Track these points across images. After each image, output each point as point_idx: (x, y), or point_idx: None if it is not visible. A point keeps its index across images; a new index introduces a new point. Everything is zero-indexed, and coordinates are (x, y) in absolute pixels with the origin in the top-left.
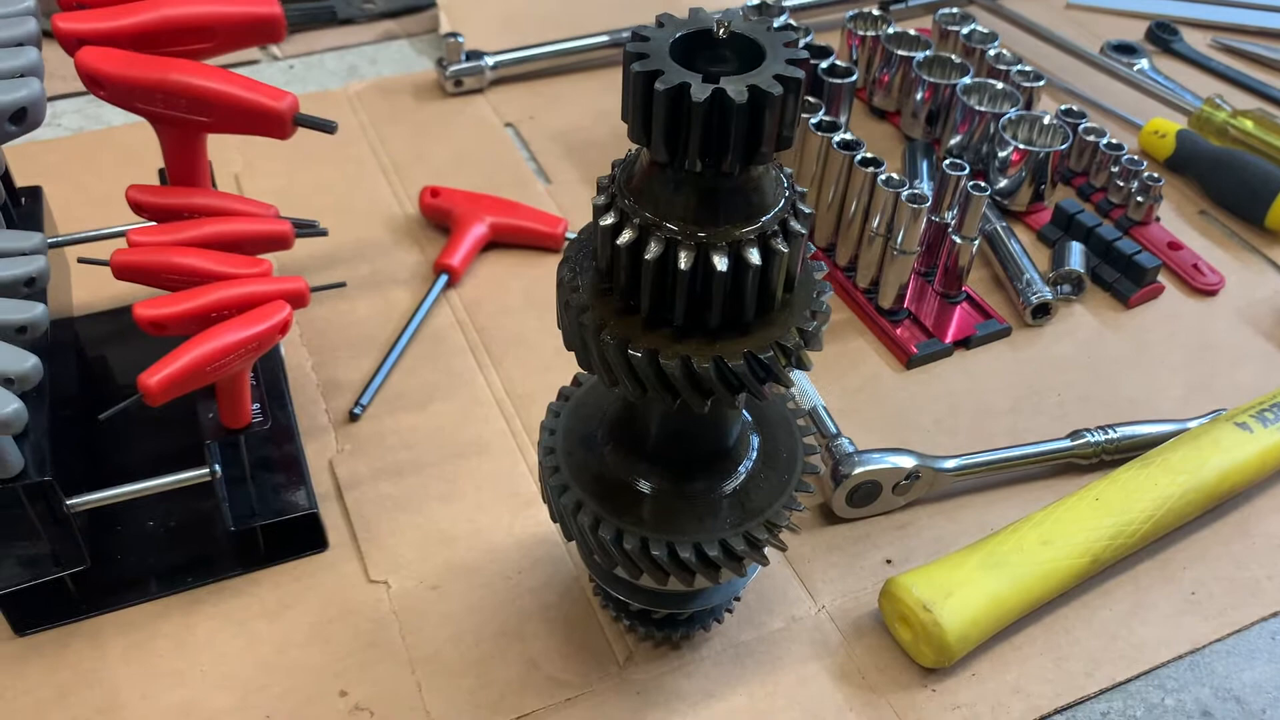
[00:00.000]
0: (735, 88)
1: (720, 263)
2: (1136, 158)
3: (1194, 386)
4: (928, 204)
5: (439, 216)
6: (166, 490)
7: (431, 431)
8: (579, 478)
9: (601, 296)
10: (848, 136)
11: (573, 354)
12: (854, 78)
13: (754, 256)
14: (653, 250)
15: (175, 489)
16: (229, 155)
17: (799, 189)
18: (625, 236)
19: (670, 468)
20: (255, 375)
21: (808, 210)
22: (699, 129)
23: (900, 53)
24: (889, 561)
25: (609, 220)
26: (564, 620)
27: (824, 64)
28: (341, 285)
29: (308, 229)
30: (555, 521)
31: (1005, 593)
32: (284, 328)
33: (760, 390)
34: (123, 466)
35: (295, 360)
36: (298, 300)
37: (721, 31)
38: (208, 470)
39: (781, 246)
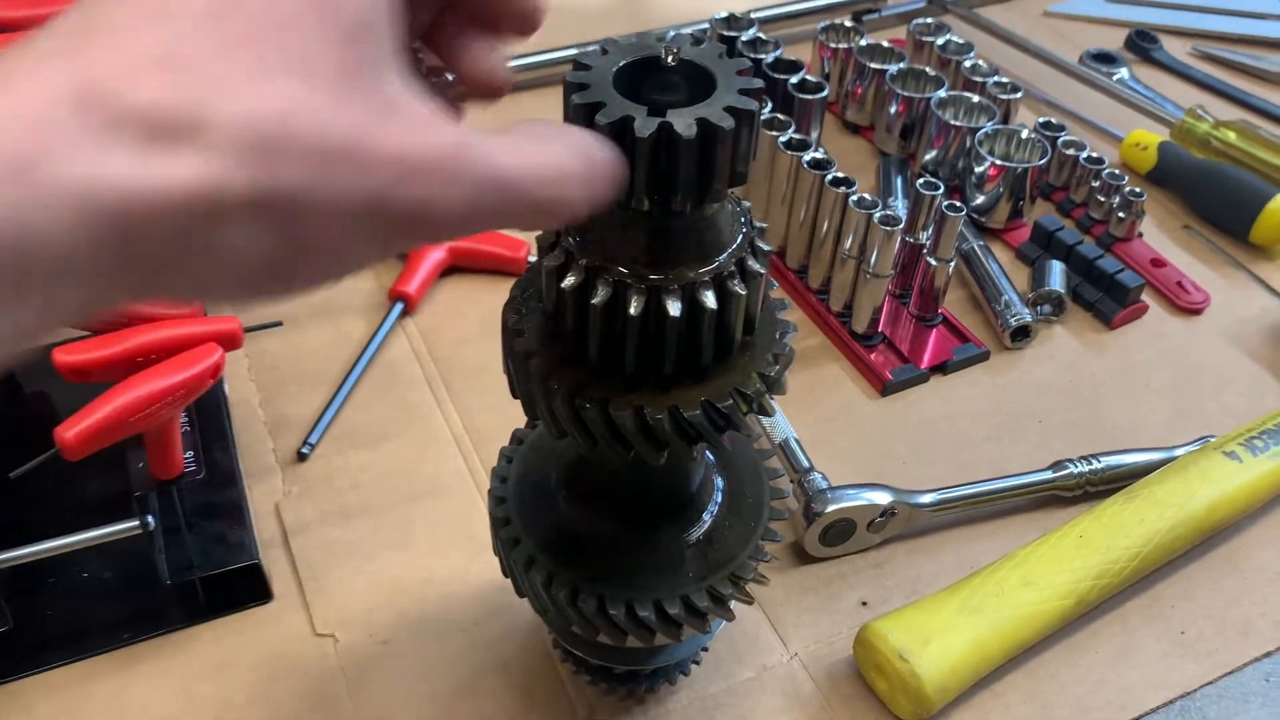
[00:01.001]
0: (683, 121)
1: (673, 307)
2: (1118, 172)
3: (1180, 411)
4: (901, 225)
5: None
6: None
7: (384, 471)
8: (532, 529)
9: (548, 342)
10: (818, 155)
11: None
12: (825, 93)
13: (709, 299)
14: (600, 294)
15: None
16: None
17: (758, 224)
18: (571, 279)
19: (629, 517)
20: (190, 419)
21: (767, 248)
22: (645, 165)
23: (873, 65)
24: (865, 603)
25: (554, 261)
26: (522, 675)
27: (794, 79)
28: (277, 325)
29: None
30: (506, 576)
31: (986, 638)
32: (215, 372)
33: (719, 440)
34: (56, 517)
35: (241, 396)
36: (230, 342)
37: (670, 59)
38: (138, 523)
39: (739, 288)
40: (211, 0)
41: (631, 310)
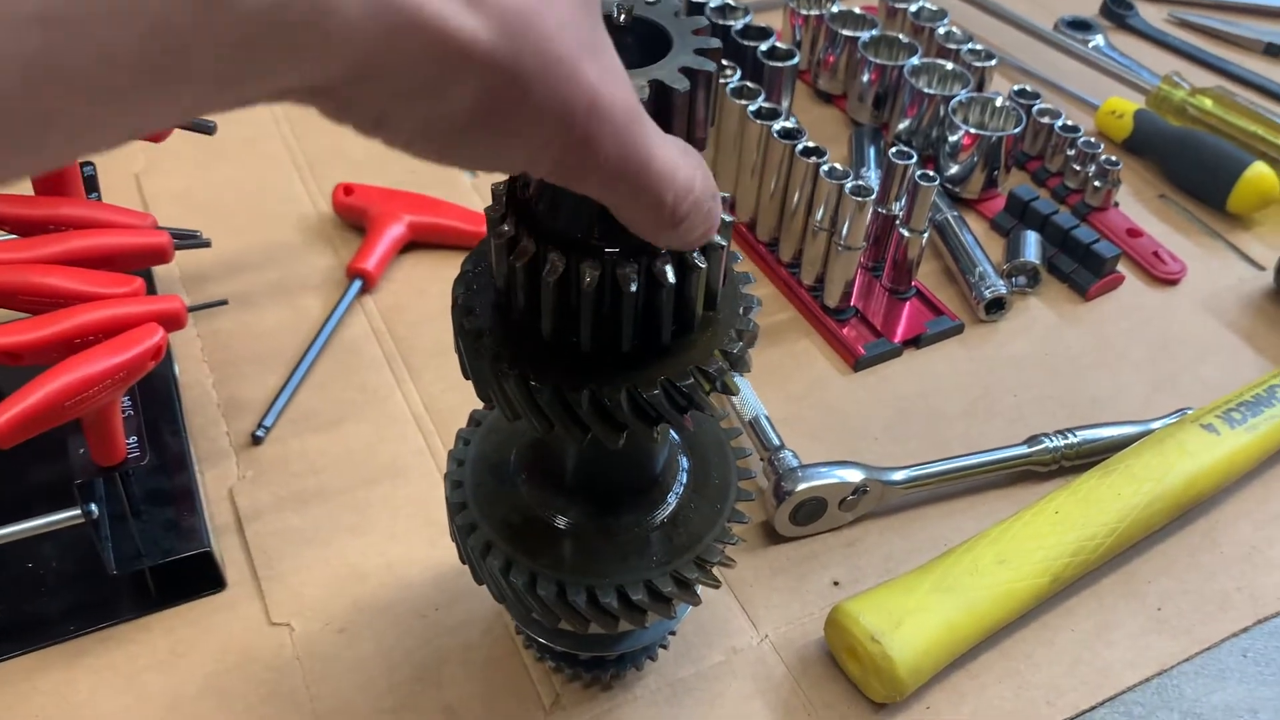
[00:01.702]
0: (635, 83)
1: (630, 282)
2: (1093, 140)
3: (1157, 383)
4: (873, 196)
5: (354, 216)
6: (41, 533)
7: (342, 454)
8: (489, 514)
9: (501, 319)
10: (789, 124)
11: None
12: (796, 60)
13: (667, 274)
14: (553, 269)
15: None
16: (131, 152)
17: (721, 195)
18: (522, 253)
19: (590, 501)
20: (133, 402)
21: (729, 219)
22: None
23: (845, 33)
24: (837, 583)
25: (504, 233)
26: (485, 662)
27: (763, 46)
28: (223, 303)
29: (189, 240)
30: (464, 563)
31: (960, 619)
32: (156, 354)
33: (680, 420)
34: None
35: (194, 377)
36: (172, 322)
37: (622, 17)
38: (80, 512)
39: (698, 261)
40: None
41: (585, 284)
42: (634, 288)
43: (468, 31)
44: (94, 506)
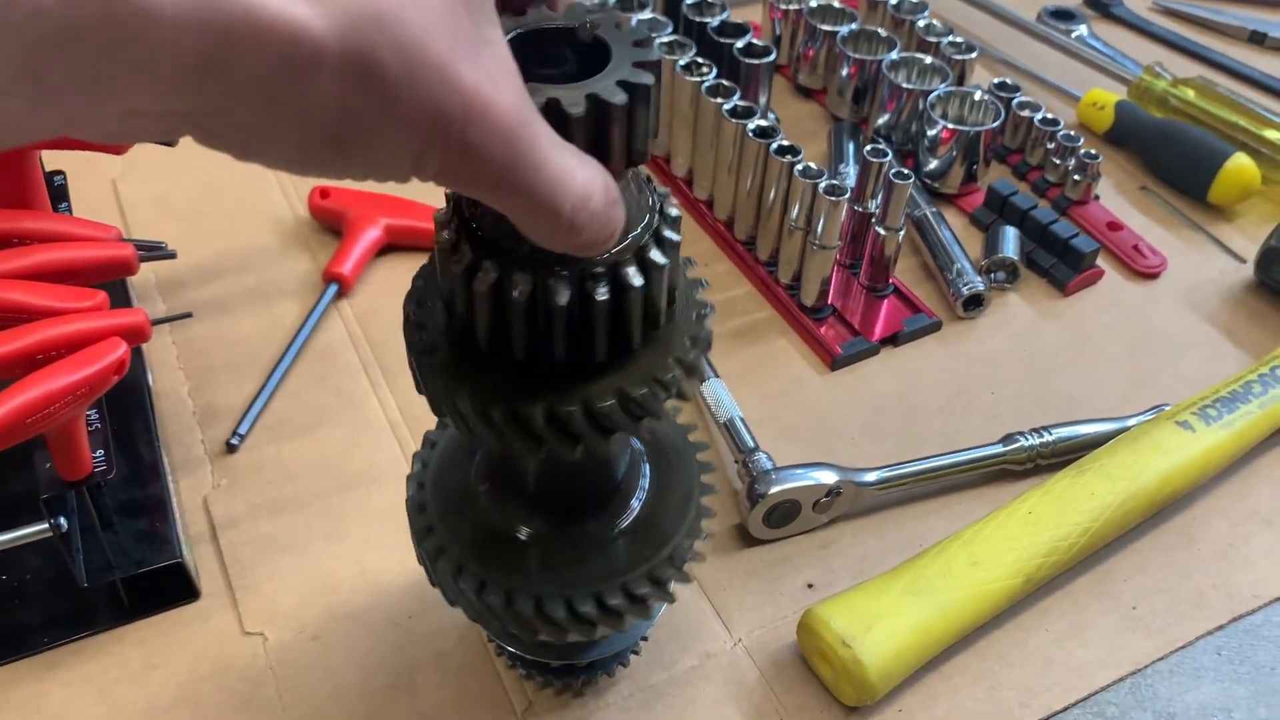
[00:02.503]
0: (571, 97)
1: (561, 295)
2: (1073, 133)
3: (1136, 379)
4: (847, 195)
5: (330, 219)
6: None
7: (316, 461)
8: (456, 533)
9: (449, 334)
10: (763, 123)
11: None
12: (773, 57)
13: (600, 291)
14: (483, 279)
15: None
16: (107, 159)
17: (669, 210)
18: (460, 262)
19: (553, 511)
20: (100, 414)
21: (676, 238)
22: None
23: (824, 27)
24: (811, 586)
25: (446, 240)
26: (458, 670)
27: (740, 43)
28: (187, 316)
29: (154, 252)
30: (434, 585)
31: (932, 621)
32: (119, 368)
33: (636, 429)
34: None
35: (169, 385)
36: (136, 335)
37: (584, 33)
38: (48, 525)
39: (635, 279)
40: None
41: (515, 295)
42: (564, 301)
43: (310, 26)
44: (63, 520)
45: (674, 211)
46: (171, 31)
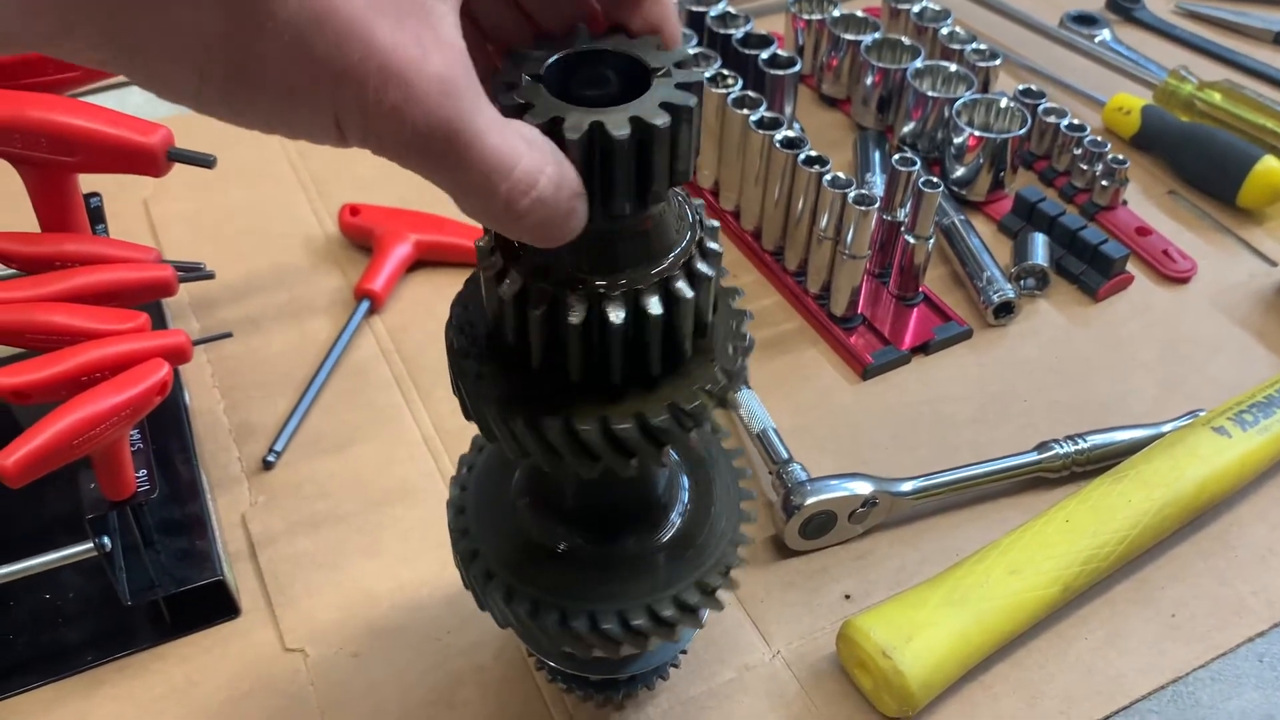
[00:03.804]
0: (616, 120)
1: (615, 315)
2: (1100, 139)
3: (1168, 384)
4: (876, 204)
5: (361, 236)
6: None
7: (352, 477)
8: (491, 540)
9: (496, 358)
10: (790, 134)
11: None
12: (797, 68)
13: (654, 305)
14: (539, 305)
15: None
16: (138, 179)
17: (709, 223)
18: (509, 290)
19: (594, 526)
20: (142, 434)
21: (718, 249)
22: (579, 169)
23: (847, 37)
24: (848, 597)
25: (492, 269)
26: (498, 684)
27: (764, 54)
28: (227, 336)
29: (192, 273)
30: (468, 589)
31: (971, 631)
32: (162, 389)
33: (687, 441)
34: (17, 538)
35: (205, 404)
36: (178, 356)
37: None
38: (93, 545)
39: (685, 292)
40: None
41: (572, 319)
42: (620, 321)
43: None
44: (107, 539)
45: (713, 223)
46: None
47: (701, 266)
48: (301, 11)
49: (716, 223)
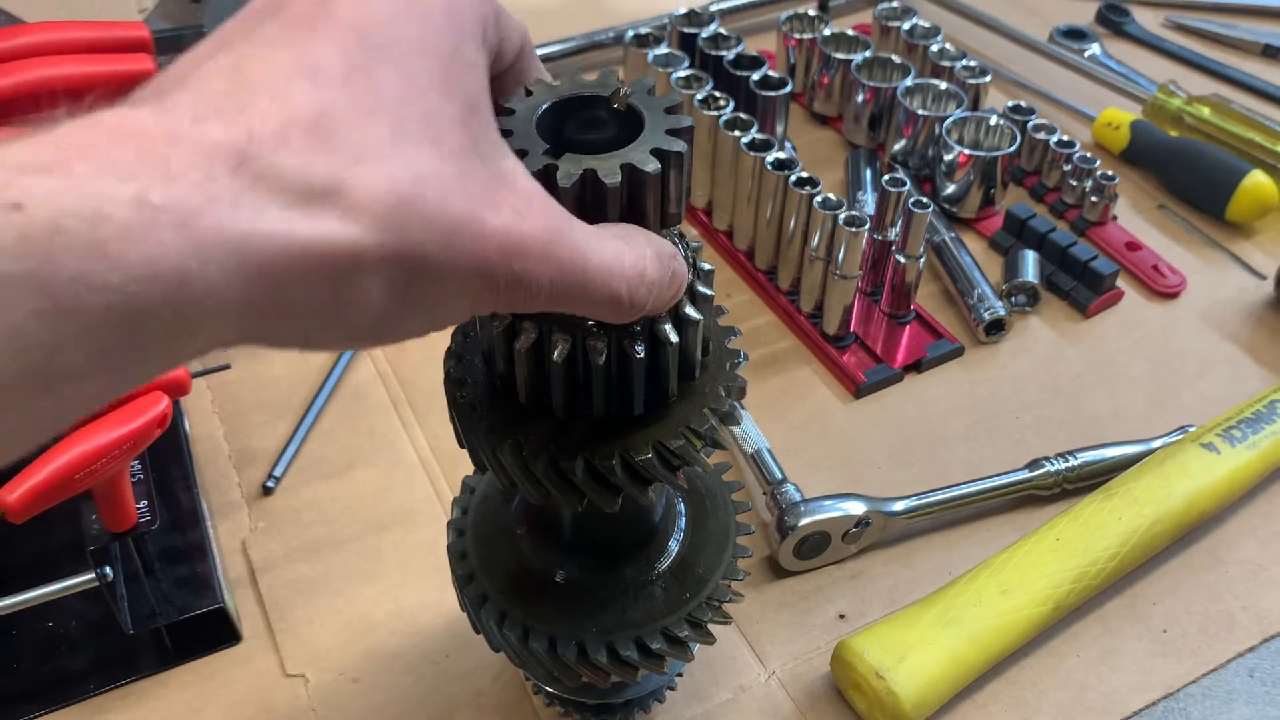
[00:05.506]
0: (607, 167)
1: (599, 355)
2: (1089, 155)
3: (1158, 400)
4: (867, 225)
5: None
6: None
7: (351, 501)
8: (488, 565)
9: (489, 390)
10: (781, 155)
11: None
12: (788, 89)
13: (638, 349)
14: (523, 340)
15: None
16: None
17: (702, 265)
18: (499, 325)
19: (591, 555)
20: (143, 465)
21: (709, 292)
22: (571, 210)
23: (838, 55)
24: (843, 616)
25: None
26: (496, 708)
27: (755, 76)
28: (226, 368)
29: None
30: (464, 611)
31: (964, 650)
32: (162, 422)
33: (674, 480)
34: (19, 569)
35: (205, 430)
36: (177, 389)
37: (615, 104)
38: (94, 575)
39: (671, 336)
40: (350, 57)
41: (555, 356)
42: (602, 360)
43: (346, 242)
44: (108, 569)
45: (706, 266)
46: (221, 290)
47: (690, 311)
48: (429, 237)
49: (710, 266)
